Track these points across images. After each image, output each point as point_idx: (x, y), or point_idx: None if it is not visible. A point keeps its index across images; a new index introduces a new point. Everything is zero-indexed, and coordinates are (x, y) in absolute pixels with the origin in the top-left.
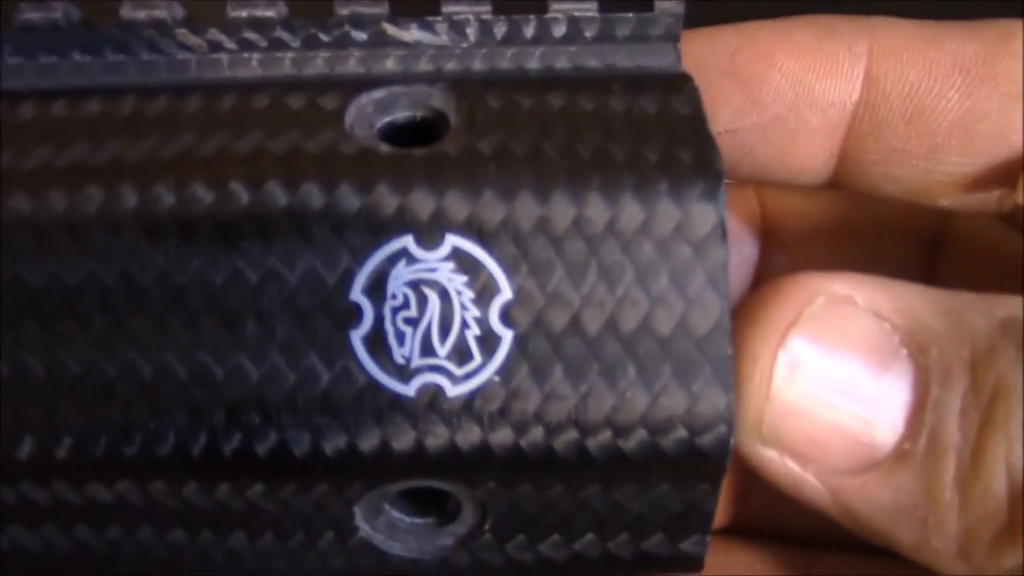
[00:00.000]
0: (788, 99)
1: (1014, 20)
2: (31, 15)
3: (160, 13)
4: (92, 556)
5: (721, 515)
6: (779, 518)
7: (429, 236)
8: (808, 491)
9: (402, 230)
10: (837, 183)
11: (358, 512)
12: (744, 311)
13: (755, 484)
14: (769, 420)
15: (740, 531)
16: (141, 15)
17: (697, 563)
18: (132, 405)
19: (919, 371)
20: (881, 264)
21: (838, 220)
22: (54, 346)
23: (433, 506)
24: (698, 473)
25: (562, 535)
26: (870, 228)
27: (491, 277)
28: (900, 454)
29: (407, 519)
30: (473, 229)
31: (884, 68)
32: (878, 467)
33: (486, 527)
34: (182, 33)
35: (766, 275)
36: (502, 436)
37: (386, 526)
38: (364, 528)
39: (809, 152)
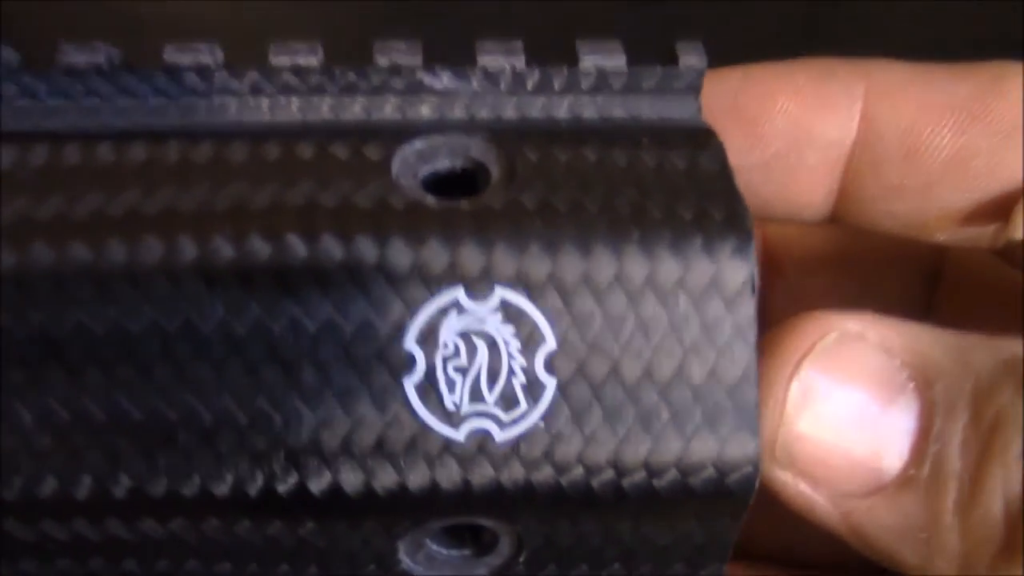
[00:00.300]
0: (788, 138)
1: (1006, 62)
2: (74, 58)
3: (203, 58)
4: None
5: None
6: (782, 543)
7: (479, 289)
8: (820, 512)
9: (453, 283)
10: (837, 218)
11: (401, 547)
12: (764, 343)
13: (759, 509)
14: (783, 443)
15: (744, 556)
16: (185, 59)
17: None
18: (192, 450)
19: (925, 403)
20: (880, 295)
21: (838, 251)
22: (115, 392)
23: (469, 537)
24: (723, 508)
25: (590, 565)
26: (869, 259)
27: (536, 327)
28: (905, 479)
29: (444, 551)
30: (520, 282)
31: (880, 108)
32: (885, 491)
33: (521, 559)
34: (223, 77)
35: (766, 304)
36: (545, 477)
37: (425, 559)
38: (405, 561)
39: (809, 188)
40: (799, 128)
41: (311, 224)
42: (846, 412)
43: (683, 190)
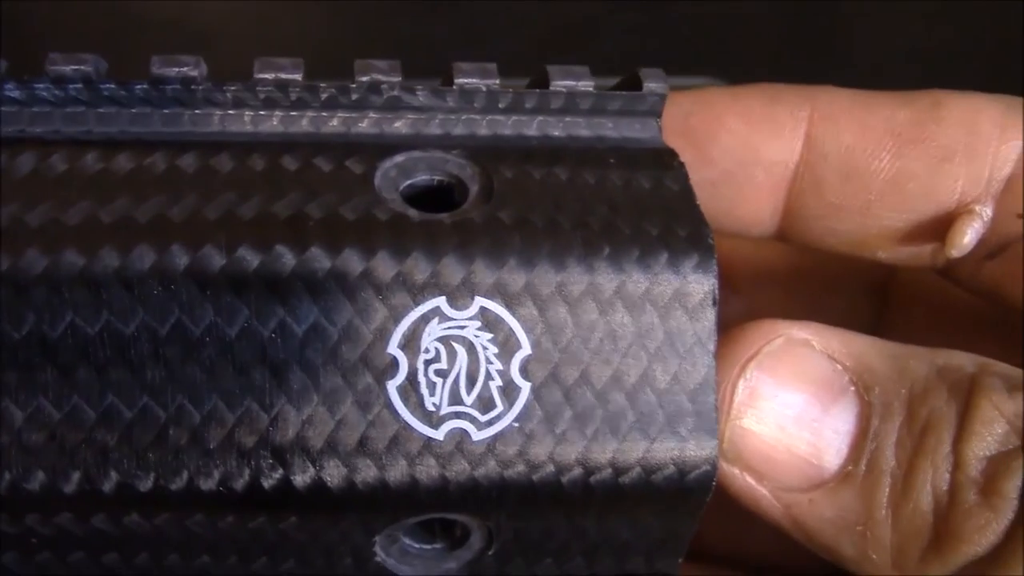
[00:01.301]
0: (736, 157)
1: (944, 90)
2: (62, 67)
3: (189, 71)
4: None
5: None
6: (733, 545)
7: (460, 298)
8: (765, 505)
9: (436, 293)
10: (783, 236)
11: (378, 541)
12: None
13: (713, 513)
14: (730, 438)
15: (699, 558)
16: (171, 72)
17: None
18: (181, 447)
19: (863, 406)
20: (829, 310)
21: (789, 267)
22: (106, 391)
23: (440, 531)
24: (682, 505)
25: (555, 558)
26: (819, 276)
27: (512, 334)
28: (844, 475)
29: (416, 545)
30: (499, 292)
31: (823, 131)
32: (825, 486)
33: (490, 552)
34: (207, 89)
35: (720, 317)
36: (518, 474)
37: (399, 552)
38: (380, 555)
39: (756, 206)
40: (746, 148)
41: (300, 235)
42: (789, 411)
43: (649, 208)
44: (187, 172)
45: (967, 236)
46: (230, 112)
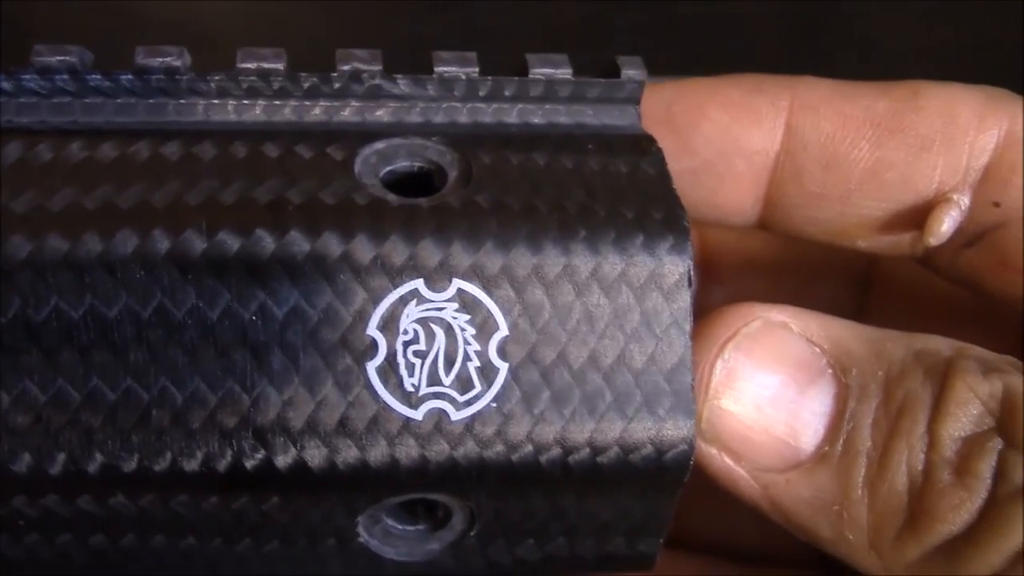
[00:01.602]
0: (717, 146)
1: (924, 81)
2: (48, 58)
3: (173, 61)
4: (104, 563)
5: None
6: (715, 533)
7: (437, 280)
8: (743, 486)
9: (413, 275)
10: (765, 225)
11: (360, 521)
12: (695, 329)
13: (695, 501)
14: (707, 418)
15: (678, 544)
16: (155, 62)
17: (650, 561)
18: (164, 428)
19: (840, 387)
20: (812, 299)
21: (773, 257)
22: (90, 374)
23: (423, 512)
24: (660, 485)
25: (536, 539)
26: (803, 266)
27: (490, 316)
28: (820, 456)
29: (399, 526)
30: (476, 274)
31: (803, 121)
32: (802, 466)
33: (472, 533)
34: (191, 79)
35: (705, 306)
36: (496, 454)
37: (381, 533)
38: (363, 536)
39: (737, 195)
40: (727, 137)
41: (280, 219)
42: (767, 392)
43: (626, 192)
44: (170, 160)
45: (945, 224)
46: (214, 102)
